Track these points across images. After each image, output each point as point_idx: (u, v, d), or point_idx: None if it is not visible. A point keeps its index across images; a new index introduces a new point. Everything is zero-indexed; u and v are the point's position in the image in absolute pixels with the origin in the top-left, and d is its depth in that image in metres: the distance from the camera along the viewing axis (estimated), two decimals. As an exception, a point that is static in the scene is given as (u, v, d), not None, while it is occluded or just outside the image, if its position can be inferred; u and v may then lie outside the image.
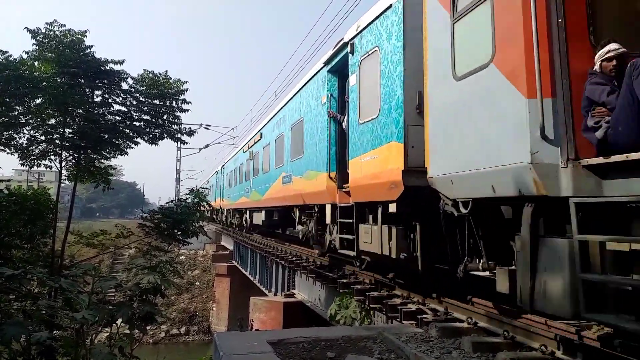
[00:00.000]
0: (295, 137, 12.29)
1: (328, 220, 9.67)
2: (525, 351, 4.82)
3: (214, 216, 37.75)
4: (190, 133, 14.16)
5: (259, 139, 18.07)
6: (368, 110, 7.59)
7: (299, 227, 12.47)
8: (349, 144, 8.36)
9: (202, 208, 12.85)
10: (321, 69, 10.27)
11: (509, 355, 4.59)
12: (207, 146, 44.75)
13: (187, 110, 13.26)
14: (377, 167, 7.07)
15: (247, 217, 22.38)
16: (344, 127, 9.14)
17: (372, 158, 7.31)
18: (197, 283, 36.96)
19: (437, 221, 5.66)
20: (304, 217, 12.07)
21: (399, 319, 6.94)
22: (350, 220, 8.26)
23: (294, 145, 12.40)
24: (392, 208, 6.72)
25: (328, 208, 9.63)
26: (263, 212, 17.81)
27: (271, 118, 16.08)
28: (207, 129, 38.58)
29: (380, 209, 7.08)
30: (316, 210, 10.76)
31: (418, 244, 6.42)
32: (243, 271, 26.74)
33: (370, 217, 7.68)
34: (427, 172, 5.54)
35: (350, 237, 8.32)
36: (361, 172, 7.67)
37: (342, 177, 9.19)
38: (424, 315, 6.57)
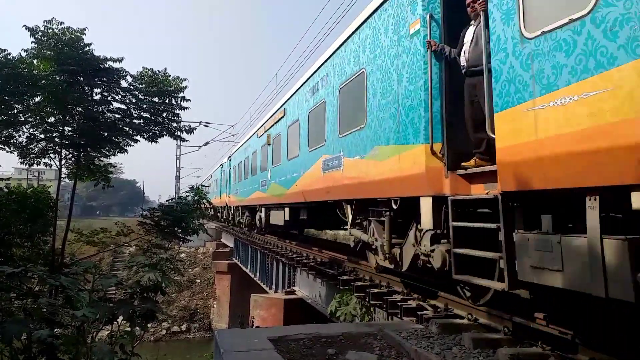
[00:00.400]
0: (348, 101, 8.66)
1: (427, 223, 5.79)
2: (526, 347, 4.83)
3: (218, 214, 36.74)
4: (190, 131, 14.15)
5: (281, 117, 14.16)
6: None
7: (355, 232, 8.50)
8: (498, 84, 4.64)
9: (202, 206, 12.85)
10: None
11: (510, 351, 4.60)
12: (206, 144, 44.82)
13: (187, 108, 13.26)
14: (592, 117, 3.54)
15: (262, 215, 18.59)
16: (461, 64, 5.78)
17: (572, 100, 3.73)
18: (198, 280, 36.99)
19: None
20: (359, 217, 8.46)
21: (399, 316, 6.95)
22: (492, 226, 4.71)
23: (345, 115, 8.76)
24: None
25: (427, 203, 5.82)
26: (286, 209, 14.28)
27: (301, 85, 12.06)
28: (207, 126, 38.64)
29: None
30: (395, 206, 6.77)
31: None
32: (243, 268, 26.77)
33: None
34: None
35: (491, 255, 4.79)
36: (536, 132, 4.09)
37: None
38: (424, 312, 6.58)
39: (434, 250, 5.77)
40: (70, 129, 12.16)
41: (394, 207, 6.76)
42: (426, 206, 5.80)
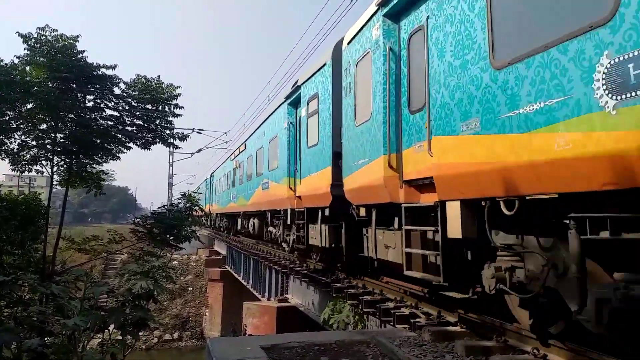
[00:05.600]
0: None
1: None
2: (517, 354, 4.85)
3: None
4: (183, 138, 14.12)
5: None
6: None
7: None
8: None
9: (194, 213, 12.81)
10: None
11: (502, 358, 4.61)
12: (199, 151, 44.65)
13: (180, 115, 13.25)
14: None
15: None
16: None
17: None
18: (190, 288, 36.77)
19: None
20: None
21: (392, 323, 6.95)
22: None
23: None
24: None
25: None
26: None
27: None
28: (200, 133, 38.56)
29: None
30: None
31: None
32: (236, 276, 26.64)
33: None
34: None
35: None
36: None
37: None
38: (417, 319, 6.58)
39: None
40: (62, 135, 12.10)
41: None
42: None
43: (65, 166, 12.47)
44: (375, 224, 7.53)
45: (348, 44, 8.33)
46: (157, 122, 13.07)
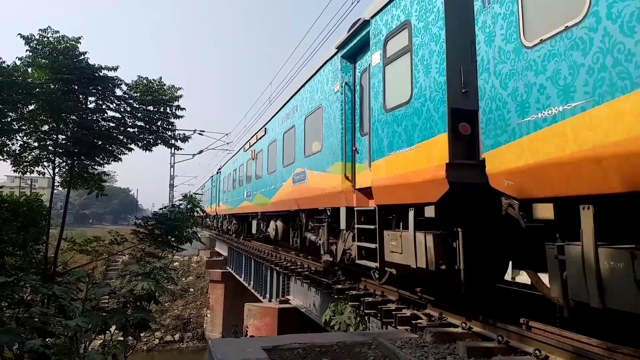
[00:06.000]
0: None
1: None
2: (519, 355, 4.84)
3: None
4: (184, 139, 14.13)
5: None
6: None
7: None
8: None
9: (195, 214, 12.82)
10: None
11: (503, 359, 4.61)
12: (201, 152, 44.71)
13: (182, 117, 13.26)
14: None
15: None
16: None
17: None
18: (191, 289, 36.77)
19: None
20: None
21: (393, 325, 6.95)
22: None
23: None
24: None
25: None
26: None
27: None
28: (201, 134, 38.62)
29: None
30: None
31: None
32: (237, 277, 26.64)
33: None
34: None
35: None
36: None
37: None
38: (419, 321, 6.58)
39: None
40: (64, 137, 12.12)
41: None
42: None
43: (66, 167, 12.48)
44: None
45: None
46: (159, 123, 13.08)
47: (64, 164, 12.46)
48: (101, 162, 12.98)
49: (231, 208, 24.56)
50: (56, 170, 12.39)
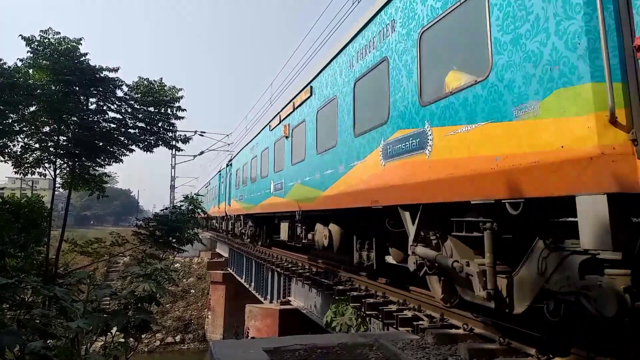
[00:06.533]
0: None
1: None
2: (521, 357, 4.83)
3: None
4: (185, 140, 14.17)
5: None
6: None
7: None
8: None
9: (197, 215, 12.83)
10: None
11: (505, 361, 4.58)
12: (202, 153, 44.71)
13: (183, 118, 13.30)
14: None
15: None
16: None
17: None
18: (192, 291, 36.76)
19: None
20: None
21: (395, 326, 6.94)
22: None
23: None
24: None
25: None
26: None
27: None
28: (202, 135, 38.57)
29: None
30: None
31: None
32: (238, 278, 26.63)
33: None
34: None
35: None
36: None
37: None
38: (420, 322, 6.57)
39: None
40: (65, 138, 12.14)
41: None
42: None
43: (68, 169, 12.50)
44: None
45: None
46: (160, 124, 13.11)
47: (65, 165, 12.48)
48: (102, 163, 13.01)
49: (248, 207, 18.36)
50: (57, 171, 12.42)
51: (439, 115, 5.30)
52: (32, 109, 11.72)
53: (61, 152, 12.04)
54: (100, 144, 12.31)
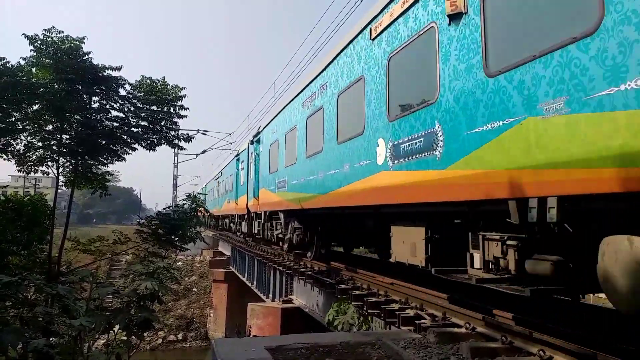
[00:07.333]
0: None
1: None
2: (523, 356, 4.82)
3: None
4: (188, 139, 14.18)
5: None
6: None
7: None
8: None
9: (199, 213, 12.83)
10: None
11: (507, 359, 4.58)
12: (204, 152, 44.77)
13: (185, 117, 13.30)
14: None
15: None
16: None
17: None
18: (195, 289, 36.83)
19: None
20: None
21: (397, 325, 6.93)
22: None
23: None
24: None
25: None
26: None
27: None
28: (205, 134, 38.67)
29: None
30: None
31: None
32: (240, 277, 26.65)
33: None
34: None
35: None
36: None
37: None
38: (422, 321, 6.56)
39: None
40: (68, 137, 12.16)
41: None
42: None
43: (70, 167, 12.53)
44: None
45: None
46: (162, 123, 13.12)
47: (68, 163, 12.51)
48: (105, 161, 13.03)
49: (299, 198, 11.68)
50: (60, 169, 12.44)
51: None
52: (35, 107, 11.75)
53: (64, 150, 12.06)
54: (103, 142, 12.32)
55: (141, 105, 12.61)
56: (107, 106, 12.43)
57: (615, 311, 3.60)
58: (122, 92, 12.43)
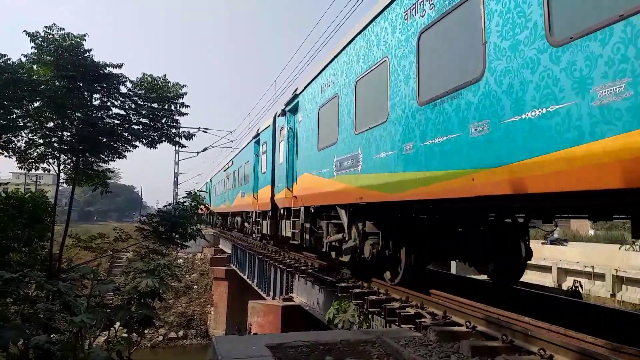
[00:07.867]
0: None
1: None
2: (524, 355, 4.82)
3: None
4: (189, 136, 14.16)
5: None
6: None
7: None
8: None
9: (199, 211, 12.84)
10: None
11: (508, 359, 4.59)
12: (205, 149, 44.80)
13: (186, 114, 13.30)
14: None
15: None
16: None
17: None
18: (195, 287, 36.85)
19: None
20: None
21: (397, 323, 6.93)
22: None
23: None
24: None
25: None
26: None
27: None
28: (205, 132, 38.71)
29: None
30: None
31: None
32: (241, 275, 26.68)
33: None
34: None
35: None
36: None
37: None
38: (423, 319, 6.56)
39: None
40: (69, 134, 12.17)
41: None
42: None
43: (71, 164, 12.53)
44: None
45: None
46: (163, 120, 13.12)
47: (69, 160, 12.51)
48: (106, 159, 13.03)
49: (406, 181, 6.28)
50: (61, 167, 12.44)
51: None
52: (36, 104, 11.74)
53: (65, 147, 12.07)
54: (104, 139, 12.32)
55: (142, 103, 12.61)
56: (108, 103, 12.43)
57: (615, 311, 3.59)
58: (123, 89, 12.43)
